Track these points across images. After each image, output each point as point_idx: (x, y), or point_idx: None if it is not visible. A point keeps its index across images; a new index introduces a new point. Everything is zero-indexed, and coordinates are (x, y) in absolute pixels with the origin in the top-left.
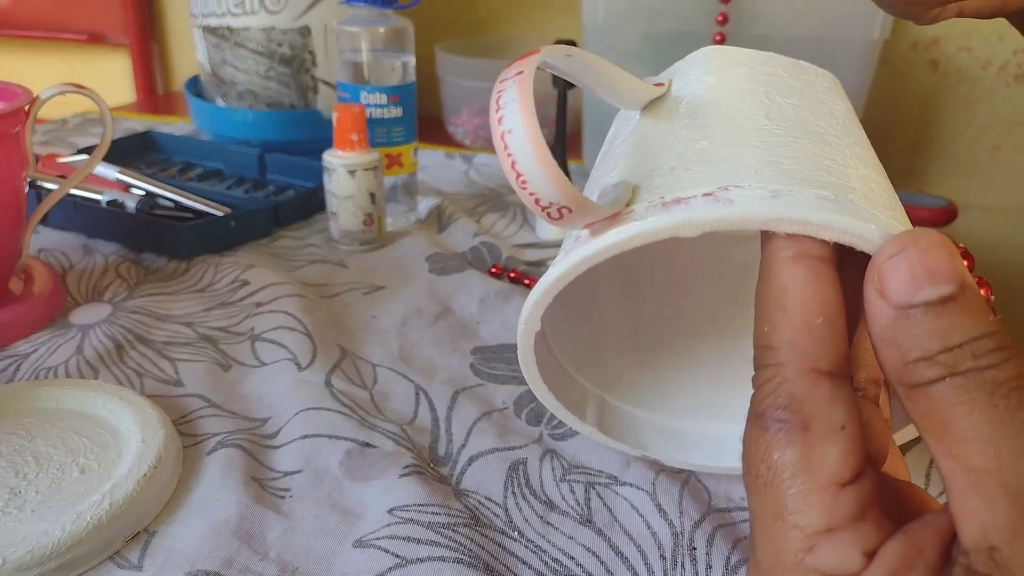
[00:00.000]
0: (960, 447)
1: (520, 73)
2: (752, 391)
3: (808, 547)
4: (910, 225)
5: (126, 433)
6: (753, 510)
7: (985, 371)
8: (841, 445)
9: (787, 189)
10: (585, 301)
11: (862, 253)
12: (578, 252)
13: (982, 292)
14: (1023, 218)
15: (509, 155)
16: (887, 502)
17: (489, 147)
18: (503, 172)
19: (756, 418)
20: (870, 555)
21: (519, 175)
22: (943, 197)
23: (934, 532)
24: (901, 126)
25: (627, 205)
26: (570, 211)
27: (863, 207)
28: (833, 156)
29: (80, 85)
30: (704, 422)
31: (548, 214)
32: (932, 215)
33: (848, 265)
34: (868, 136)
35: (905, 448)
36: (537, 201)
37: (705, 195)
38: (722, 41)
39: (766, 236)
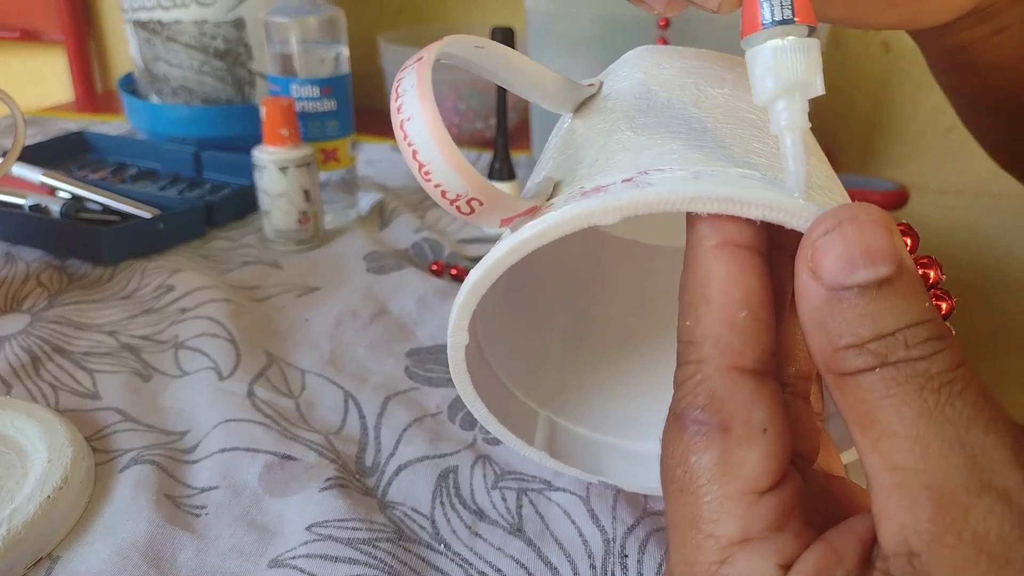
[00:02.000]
0: (886, 443)
1: (420, 60)
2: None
3: (722, 558)
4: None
5: (33, 453)
6: (669, 517)
7: (917, 362)
8: (762, 449)
9: (710, 170)
10: (532, 320)
11: (791, 239)
12: (495, 251)
13: (932, 272)
14: (977, 200)
15: (409, 144)
16: (817, 502)
17: None
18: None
19: (675, 418)
20: (787, 567)
21: (421, 165)
22: (894, 181)
23: (855, 537)
24: (854, 110)
25: (548, 199)
26: (481, 204)
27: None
28: (764, 140)
29: None
30: None
31: (458, 208)
32: (883, 199)
33: (777, 253)
34: (820, 121)
35: None
36: (444, 193)
37: (624, 180)
38: (666, 24)
39: (690, 223)
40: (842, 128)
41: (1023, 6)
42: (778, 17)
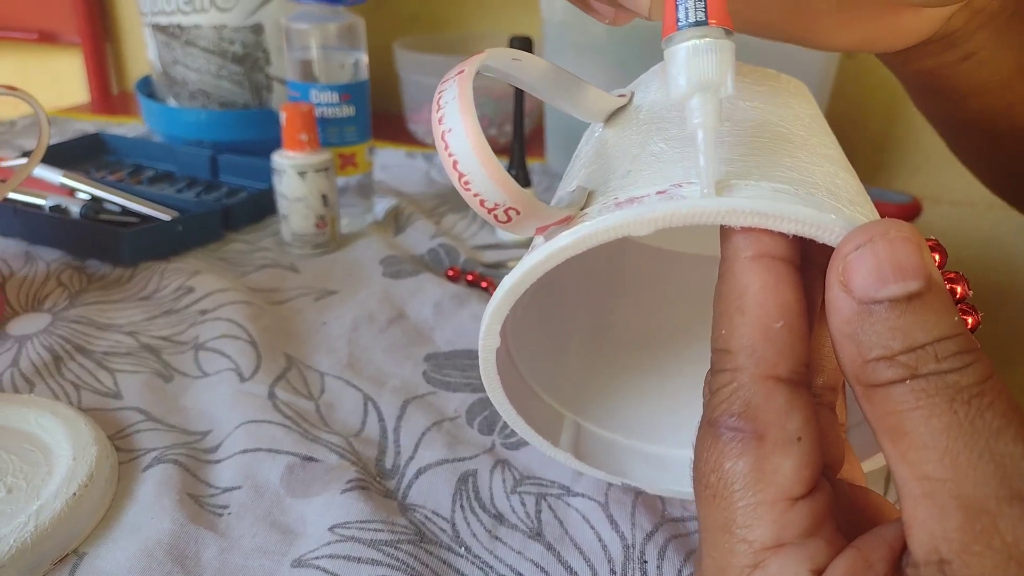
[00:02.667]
0: (915, 453)
1: (461, 72)
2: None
3: (755, 563)
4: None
5: (57, 450)
6: (702, 521)
7: (947, 375)
8: (796, 458)
9: (743, 183)
10: (557, 323)
11: (823, 253)
12: (531, 257)
13: (959, 288)
14: (990, 211)
15: (450, 155)
16: (843, 511)
17: None
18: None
19: (709, 425)
20: (818, 572)
21: (461, 175)
22: (908, 193)
23: (884, 545)
24: (867, 121)
25: (582, 209)
26: (518, 213)
27: (825, 200)
28: (795, 153)
29: (12, 87)
30: (689, 448)
31: (495, 217)
32: (896, 210)
33: (810, 265)
34: (834, 131)
35: None
36: (482, 203)
37: (659, 192)
38: None
39: (725, 235)
40: (855, 139)
41: (990, 31)
42: (692, 19)
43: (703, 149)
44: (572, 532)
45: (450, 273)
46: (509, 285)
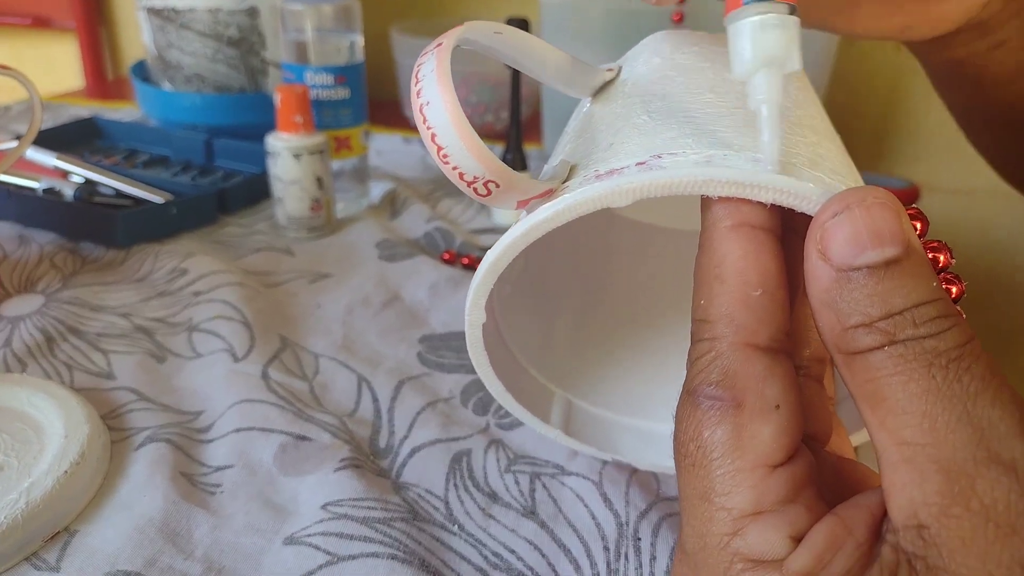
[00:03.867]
0: (894, 419)
1: (439, 45)
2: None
3: (734, 530)
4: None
5: (49, 429)
6: (681, 490)
7: (925, 340)
8: (774, 425)
9: (722, 154)
10: (547, 301)
11: (804, 223)
12: (512, 231)
13: (942, 256)
14: (989, 199)
15: (428, 128)
16: (828, 482)
17: None
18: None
19: (688, 394)
20: (798, 539)
21: (440, 148)
22: (906, 179)
23: (864, 511)
24: (867, 108)
25: (563, 183)
26: (497, 186)
27: (805, 170)
28: None
29: (5, 66)
30: None
31: (475, 190)
32: (895, 196)
33: (791, 236)
34: (833, 119)
35: None
36: (461, 176)
37: (638, 164)
38: (680, 18)
39: (705, 206)
40: (855, 126)
41: (1021, 20)
42: None
43: (768, 125)
44: (566, 510)
45: (446, 256)
46: (492, 259)
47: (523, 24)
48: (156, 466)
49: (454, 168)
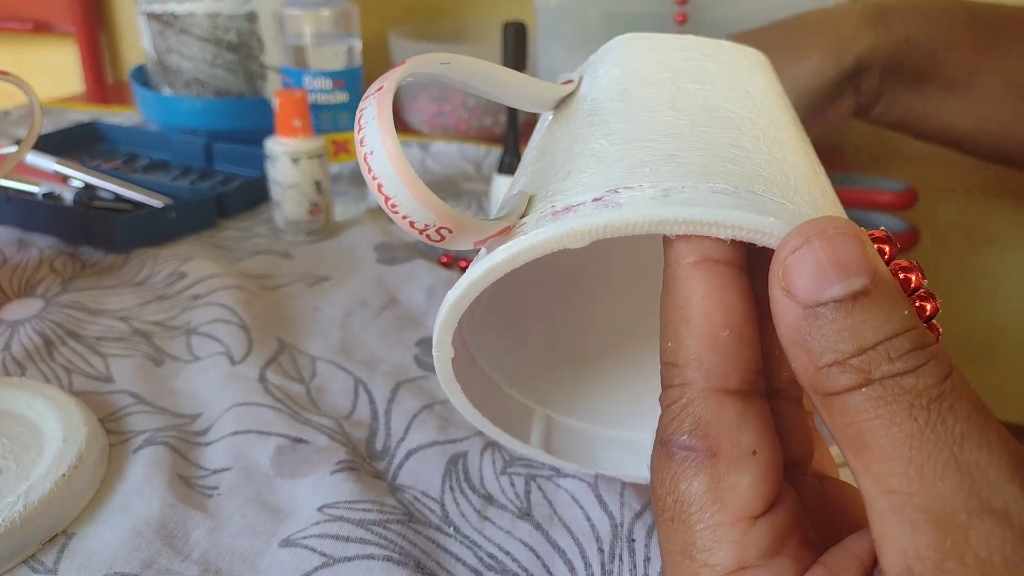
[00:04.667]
0: (879, 465)
1: (380, 89)
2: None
3: None
4: (838, 208)
5: (48, 432)
6: (662, 545)
7: (903, 378)
8: (752, 473)
9: (680, 186)
10: (520, 318)
11: (771, 249)
12: (469, 273)
13: (914, 277)
14: (985, 199)
15: (374, 178)
16: (813, 509)
17: (446, 134)
18: (460, 160)
19: (662, 445)
20: None
21: (388, 198)
22: (904, 181)
23: (853, 559)
24: None
25: (522, 216)
26: (450, 231)
27: (768, 198)
28: (741, 143)
29: (4, 71)
30: None
31: (428, 236)
32: (893, 199)
33: (760, 265)
34: None
35: None
36: (412, 224)
37: (595, 200)
38: (684, 20)
39: (666, 241)
40: (852, 128)
41: (894, 94)
42: None
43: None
44: (561, 512)
45: (444, 259)
46: (452, 301)
47: (520, 28)
48: (154, 469)
49: (404, 217)
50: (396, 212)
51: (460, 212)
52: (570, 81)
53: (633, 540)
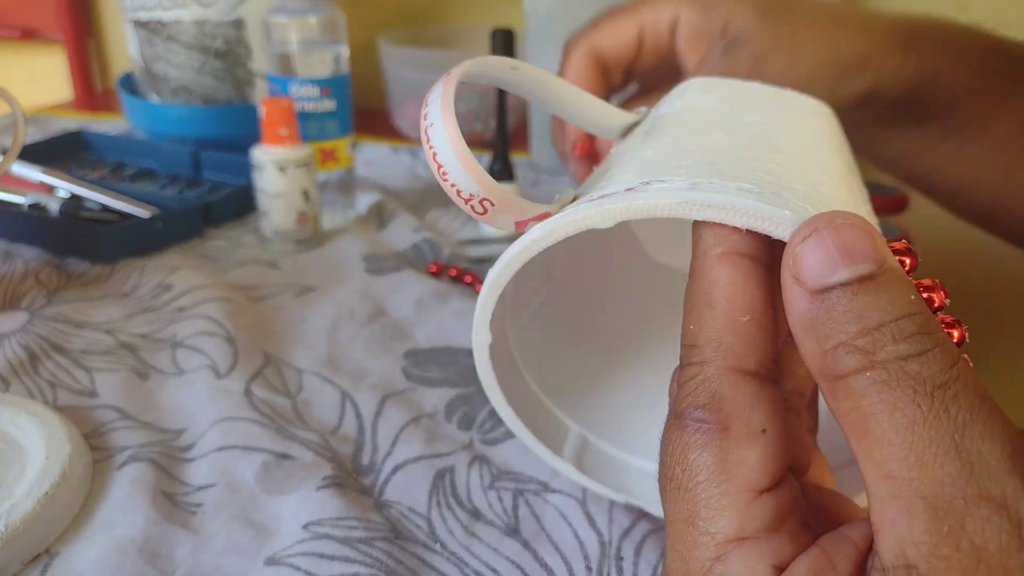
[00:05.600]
0: (880, 451)
1: (448, 75)
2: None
3: (717, 555)
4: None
5: (31, 449)
6: (667, 514)
7: (907, 363)
8: (760, 450)
9: (707, 181)
10: (569, 337)
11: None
12: (508, 250)
13: (936, 297)
14: None
15: (431, 147)
16: (810, 512)
17: None
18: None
19: (676, 417)
20: (780, 568)
21: (440, 166)
22: (894, 186)
23: (850, 544)
24: None
25: (563, 207)
26: (492, 204)
27: (792, 200)
28: (781, 162)
29: None
30: None
31: (472, 208)
32: (883, 203)
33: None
34: None
35: None
36: (459, 193)
37: (627, 189)
38: None
39: (696, 234)
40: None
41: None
42: None
43: None
44: (549, 529)
45: (432, 269)
46: (492, 278)
47: (508, 35)
48: (137, 486)
49: (452, 185)
50: (446, 180)
51: (504, 188)
52: (640, 110)
53: (621, 558)
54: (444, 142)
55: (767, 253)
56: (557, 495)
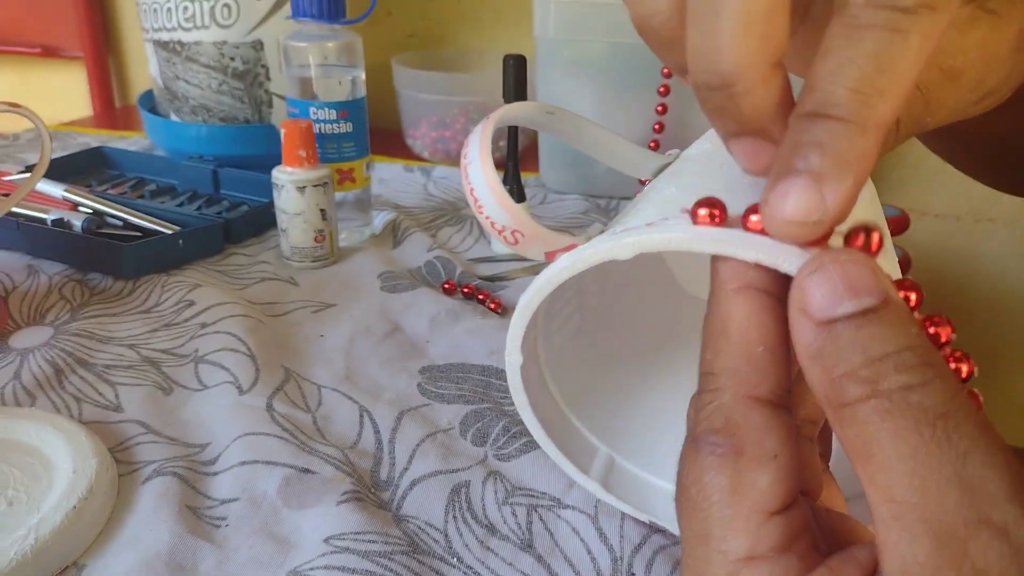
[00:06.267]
0: (884, 475)
1: (487, 118)
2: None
3: (729, 573)
4: (893, 263)
5: (58, 463)
6: (683, 532)
7: (909, 392)
8: (772, 473)
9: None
10: (602, 361)
11: None
12: (537, 279)
13: (943, 333)
14: (976, 225)
15: (469, 183)
16: (821, 535)
17: (447, 160)
18: (459, 186)
19: (692, 440)
20: None
21: (476, 200)
22: (895, 206)
23: (856, 565)
24: None
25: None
26: (523, 235)
27: None
28: None
29: (15, 104)
30: None
31: (505, 238)
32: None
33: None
34: None
35: None
36: (493, 224)
37: (647, 224)
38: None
39: (713, 269)
40: None
41: None
42: None
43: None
44: (562, 544)
45: (446, 286)
46: (522, 304)
47: (521, 61)
48: (162, 500)
49: (487, 218)
50: (481, 212)
51: (534, 221)
52: (672, 153)
53: (633, 574)
54: (481, 179)
55: (781, 287)
56: (570, 511)
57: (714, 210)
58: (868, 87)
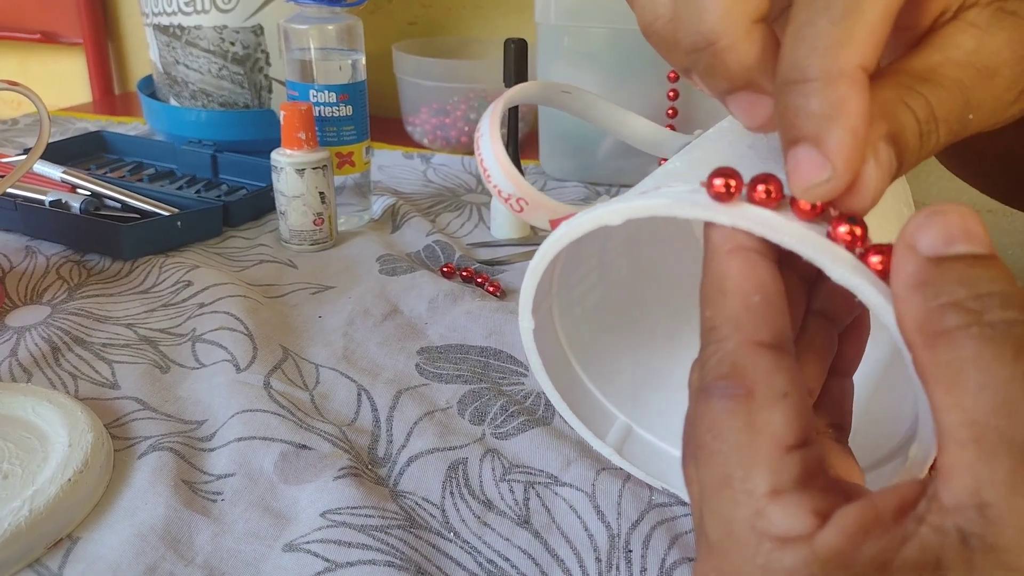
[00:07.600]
0: (971, 399)
1: (501, 97)
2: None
3: (757, 510)
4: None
5: (54, 437)
6: (702, 482)
7: (1014, 326)
8: (785, 411)
9: None
10: (623, 333)
11: (800, 262)
12: (543, 243)
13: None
14: (983, 218)
15: (479, 155)
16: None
17: (447, 147)
18: (461, 172)
19: (700, 391)
20: (821, 515)
21: (485, 170)
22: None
23: (894, 497)
24: None
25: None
26: (527, 203)
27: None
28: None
29: (13, 82)
30: None
31: (511, 205)
32: None
33: (786, 272)
34: None
35: None
36: (500, 192)
37: (641, 193)
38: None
39: (706, 236)
40: None
41: None
42: None
43: None
44: (559, 521)
45: (445, 269)
46: (531, 267)
47: (522, 45)
48: (158, 474)
49: (494, 186)
50: (489, 180)
51: (536, 190)
52: (698, 132)
53: (630, 551)
54: (490, 151)
55: (773, 249)
56: (567, 488)
57: (730, 180)
58: (825, 40)
